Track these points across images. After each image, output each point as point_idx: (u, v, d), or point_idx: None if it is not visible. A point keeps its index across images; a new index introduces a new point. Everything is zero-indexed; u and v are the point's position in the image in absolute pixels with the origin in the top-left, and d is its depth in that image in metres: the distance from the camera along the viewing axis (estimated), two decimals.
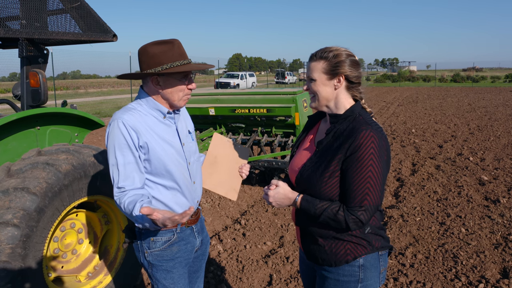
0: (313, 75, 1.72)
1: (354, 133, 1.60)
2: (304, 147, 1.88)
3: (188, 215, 1.54)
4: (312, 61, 1.73)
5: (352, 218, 1.60)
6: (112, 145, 1.80)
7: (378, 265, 1.75)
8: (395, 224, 4.84)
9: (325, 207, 1.64)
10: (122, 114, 1.81)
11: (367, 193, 1.59)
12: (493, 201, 5.60)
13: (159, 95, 1.90)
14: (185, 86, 1.89)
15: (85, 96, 32.05)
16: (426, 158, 8.27)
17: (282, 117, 5.90)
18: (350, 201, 1.61)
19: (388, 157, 1.65)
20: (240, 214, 5.45)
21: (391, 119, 14.75)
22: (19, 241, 2.30)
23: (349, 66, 1.68)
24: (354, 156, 1.58)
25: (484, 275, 3.62)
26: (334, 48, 1.71)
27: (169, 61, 1.81)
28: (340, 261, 1.71)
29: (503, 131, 11.35)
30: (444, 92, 29.58)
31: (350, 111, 1.70)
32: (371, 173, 1.58)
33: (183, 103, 1.93)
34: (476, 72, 63.66)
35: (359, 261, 1.71)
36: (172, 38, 1.88)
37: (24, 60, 2.96)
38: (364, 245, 1.71)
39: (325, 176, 1.65)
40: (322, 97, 1.73)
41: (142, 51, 1.84)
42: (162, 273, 1.99)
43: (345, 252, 1.70)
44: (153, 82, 1.86)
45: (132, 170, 1.81)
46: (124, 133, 1.78)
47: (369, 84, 48.08)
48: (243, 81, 36.49)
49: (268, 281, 3.66)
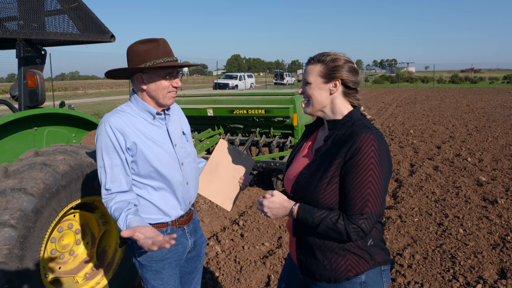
0: (309, 78, 1.66)
1: (353, 136, 1.53)
2: (301, 155, 1.80)
3: (171, 243, 1.54)
4: (310, 64, 1.68)
5: (353, 227, 1.49)
6: (99, 147, 1.84)
7: (381, 281, 1.64)
8: (393, 225, 4.84)
9: (323, 216, 1.53)
10: (109, 117, 1.84)
11: (368, 200, 1.48)
12: (491, 202, 5.61)
13: (145, 93, 1.92)
14: (168, 83, 1.90)
15: (83, 97, 32.02)
16: (424, 159, 8.28)
17: (280, 118, 5.90)
18: (350, 209, 1.51)
19: (390, 163, 1.56)
20: (239, 215, 5.45)
21: (389, 120, 14.76)
22: (16, 242, 2.30)
23: (347, 72, 1.63)
24: (353, 160, 1.49)
25: (482, 276, 3.63)
26: (333, 53, 1.66)
27: (152, 59, 1.84)
28: (340, 278, 1.60)
29: (501, 132, 11.38)
30: (442, 93, 29.63)
31: (349, 116, 1.62)
32: (372, 177, 1.48)
33: (169, 101, 1.93)
34: (475, 73, 63.85)
35: (361, 277, 1.60)
36: (159, 38, 1.89)
37: (21, 60, 2.96)
38: (366, 259, 1.60)
39: (324, 182, 1.56)
40: (316, 102, 1.66)
41: (129, 49, 1.88)
42: (152, 274, 1.99)
43: (346, 268, 1.59)
44: (138, 80, 1.89)
45: (119, 172, 1.83)
46: (110, 136, 1.81)
47: (368, 85, 48.15)
48: (241, 82, 36.50)
49: (266, 282, 3.66)
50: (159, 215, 1.95)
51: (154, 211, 1.94)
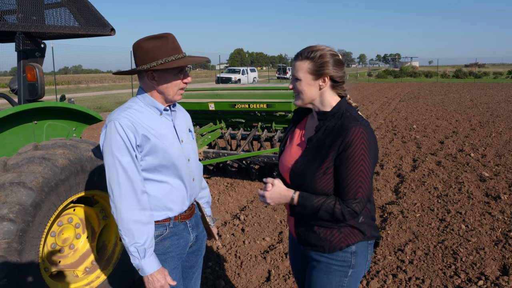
0: (298, 74, 1.75)
1: (344, 130, 1.67)
2: (294, 143, 1.90)
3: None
4: (298, 60, 1.76)
5: (348, 210, 1.68)
6: (108, 145, 1.79)
7: (366, 253, 1.85)
8: (394, 220, 4.82)
9: (321, 202, 1.70)
10: (117, 115, 1.81)
11: (360, 186, 1.67)
12: (494, 197, 5.58)
13: (154, 90, 1.89)
14: (180, 80, 1.88)
15: (86, 91, 32.05)
16: (427, 154, 8.24)
17: (282, 112, 5.88)
18: (345, 194, 1.69)
19: (376, 150, 1.72)
20: (240, 210, 5.44)
21: (392, 114, 14.70)
22: (15, 236, 2.29)
23: (334, 67, 1.73)
24: (346, 153, 1.65)
25: (483, 272, 3.61)
26: (320, 47, 1.74)
27: (163, 56, 1.80)
28: (334, 248, 1.79)
29: (504, 127, 11.31)
30: (446, 88, 29.47)
31: (337, 108, 1.75)
32: (363, 167, 1.66)
33: (178, 97, 1.93)
34: (479, 68, 63.47)
35: (352, 247, 1.80)
36: (166, 33, 1.86)
37: (21, 54, 2.94)
38: (357, 234, 1.80)
39: (320, 172, 1.71)
40: (307, 96, 1.78)
41: (137, 46, 1.84)
42: None
43: (339, 240, 1.78)
44: (148, 77, 1.86)
45: (131, 171, 1.80)
46: (121, 133, 1.77)
47: (371, 79, 47.95)
48: (244, 76, 36.40)
49: (267, 277, 3.66)
50: (163, 211, 1.94)
51: (159, 207, 1.93)
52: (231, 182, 6.57)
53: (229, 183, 6.55)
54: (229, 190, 6.20)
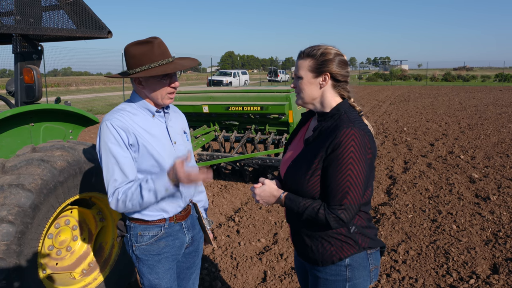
0: (300, 73, 1.71)
1: (335, 131, 1.59)
2: (294, 144, 1.89)
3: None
4: (300, 58, 1.72)
5: (333, 216, 1.57)
6: (102, 144, 1.84)
7: (367, 264, 1.74)
8: (387, 221, 4.89)
9: (307, 205, 1.63)
10: (110, 116, 1.87)
11: (347, 192, 1.56)
12: (484, 198, 5.68)
13: (144, 93, 1.94)
14: (167, 85, 1.90)
15: (76, 93, 31.77)
16: (418, 156, 8.35)
17: (275, 115, 5.92)
18: (330, 200, 1.59)
19: (373, 155, 1.63)
20: (234, 212, 5.46)
21: (383, 117, 14.84)
22: (14, 238, 2.29)
23: (336, 65, 1.67)
24: (334, 154, 1.56)
25: (474, 271, 3.68)
26: (323, 46, 1.69)
27: (147, 62, 1.83)
28: (326, 261, 1.72)
29: (493, 130, 11.49)
30: (435, 91, 29.83)
31: (336, 109, 1.69)
32: (351, 171, 1.55)
33: (167, 101, 1.95)
34: (467, 71, 64.23)
35: (346, 261, 1.70)
36: (153, 37, 1.87)
37: (18, 56, 2.94)
38: (351, 245, 1.69)
39: (308, 174, 1.64)
40: (307, 95, 1.72)
41: (125, 51, 1.88)
42: (148, 268, 2.01)
43: (330, 253, 1.70)
44: (135, 82, 1.91)
45: (123, 166, 1.84)
46: (113, 132, 1.82)
47: (361, 82, 48.30)
48: (235, 79, 36.42)
49: (263, 278, 3.69)
50: (157, 212, 1.96)
51: (153, 208, 1.95)
52: (225, 185, 6.59)
53: (223, 185, 6.57)
54: (223, 192, 6.22)
